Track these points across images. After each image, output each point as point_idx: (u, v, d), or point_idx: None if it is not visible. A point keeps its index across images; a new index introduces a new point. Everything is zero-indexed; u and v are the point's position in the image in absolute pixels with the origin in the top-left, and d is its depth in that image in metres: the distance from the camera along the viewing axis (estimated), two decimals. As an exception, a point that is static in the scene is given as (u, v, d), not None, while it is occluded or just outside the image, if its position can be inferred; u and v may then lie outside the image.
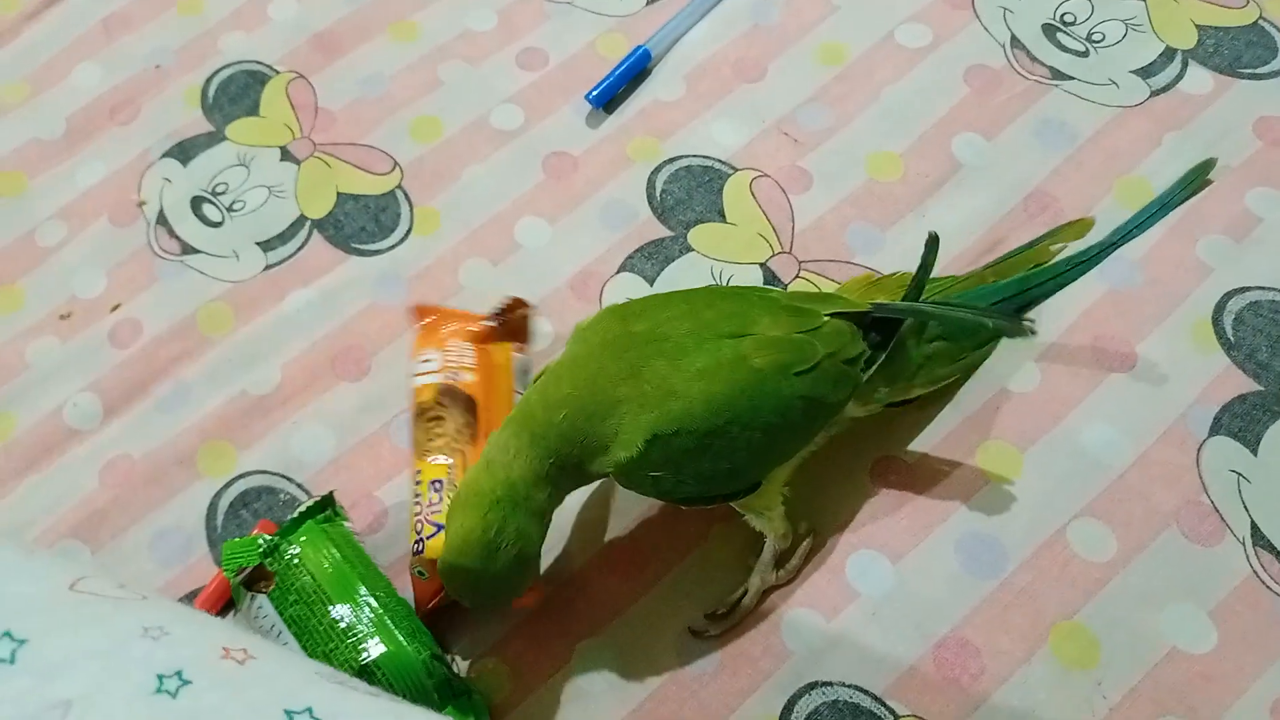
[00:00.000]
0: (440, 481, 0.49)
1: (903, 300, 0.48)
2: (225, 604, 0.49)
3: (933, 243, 0.47)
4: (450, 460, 0.50)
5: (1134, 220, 0.51)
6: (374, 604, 0.45)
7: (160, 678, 0.29)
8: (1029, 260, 0.52)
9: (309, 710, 0.29)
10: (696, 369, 0.43)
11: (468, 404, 0.51)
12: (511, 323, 0.55)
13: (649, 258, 0.59)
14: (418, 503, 0.49)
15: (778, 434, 0.45)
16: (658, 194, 0.61)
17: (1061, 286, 0.51)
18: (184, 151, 0.65)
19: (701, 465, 0.44)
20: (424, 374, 0.53)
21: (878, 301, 0.47)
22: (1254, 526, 0.49)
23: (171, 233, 0.62)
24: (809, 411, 0.45)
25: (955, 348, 0.51)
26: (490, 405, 0.52)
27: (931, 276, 0.49)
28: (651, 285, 0.58)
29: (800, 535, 0.49)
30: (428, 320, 0.55)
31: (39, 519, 0.54)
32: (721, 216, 0.60)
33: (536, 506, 0.44)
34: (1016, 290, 0.50)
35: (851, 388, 0.46)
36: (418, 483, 0.50)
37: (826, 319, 0.46)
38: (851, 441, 0.51)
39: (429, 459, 0.50)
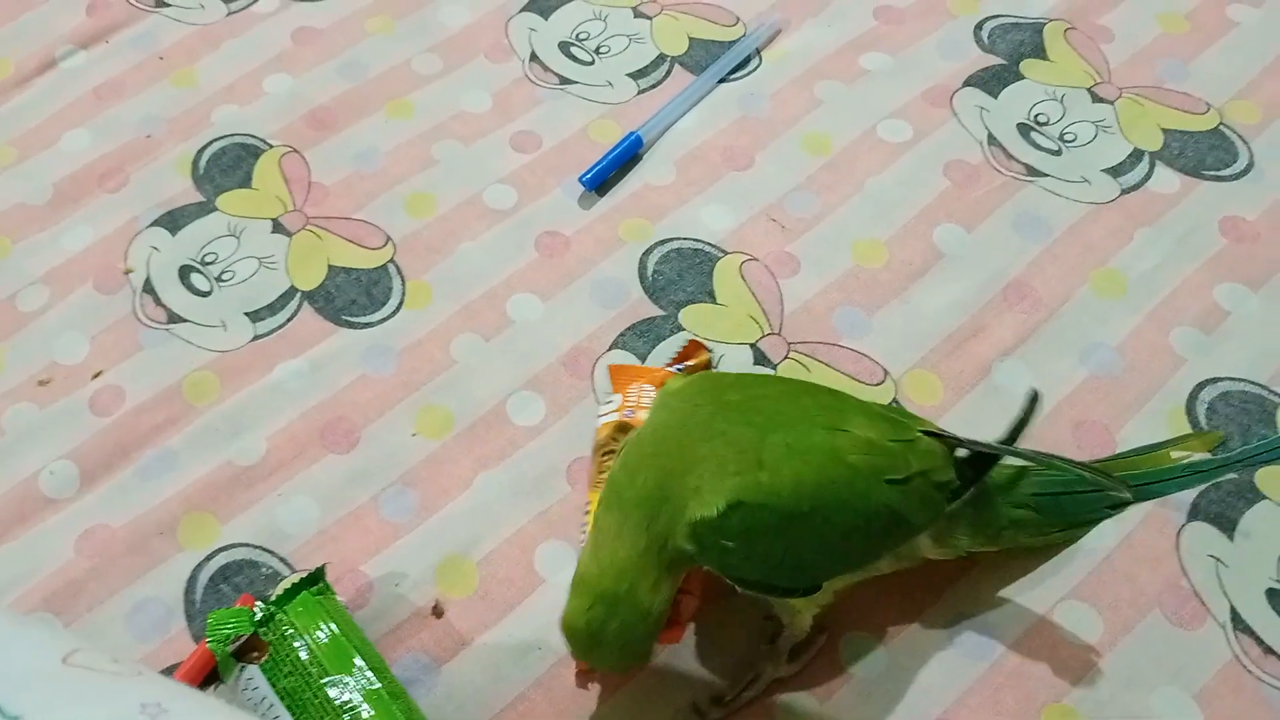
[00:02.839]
0: None
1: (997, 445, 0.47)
2: (206, 678, 0.48)
3: (1033, 399, 0.47)
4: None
5: (1264, 445, 0.49)
6: (371, 678, 0.44)
7: (162, 757, 0.28)
8: (1144, 463, 0.50)
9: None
10: (788, 446, 0.42)
11: None
12: (694, 370, 0.54)
13: (640, 336, 0.59)
14: (583, 532, 0.50)
15: (855, 539, 0.44)
16: (649, 274, 0.62)
17: (1160, 494, 0.49)
18: (173, 220, 0.65)
19: (774, 548, 0.43)
20: (604, 415, 0.54)
21: (971, 440, 0.46)
22: (1233, 611, 0.50)
23: (158, 301, 0.62)
24: (891, 524, 0.44)
25: (1043, 522, 0.49)
26: None
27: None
28: (643, 363, 0.58)
29: (816, 632, 0.49)
30: (621, 378, 0.56)
31: (10, 589, 0.52)
32: (712, 297, 0.61)
33: (642, 603, 0.42)
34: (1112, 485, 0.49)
35: (935, 514, 0.46)
36: (586, 513, 0.51)
37: (920, 435, 0.45)
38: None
39: (595, 489, 0.51)
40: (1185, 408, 0.56)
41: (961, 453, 0.46)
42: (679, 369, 0.54)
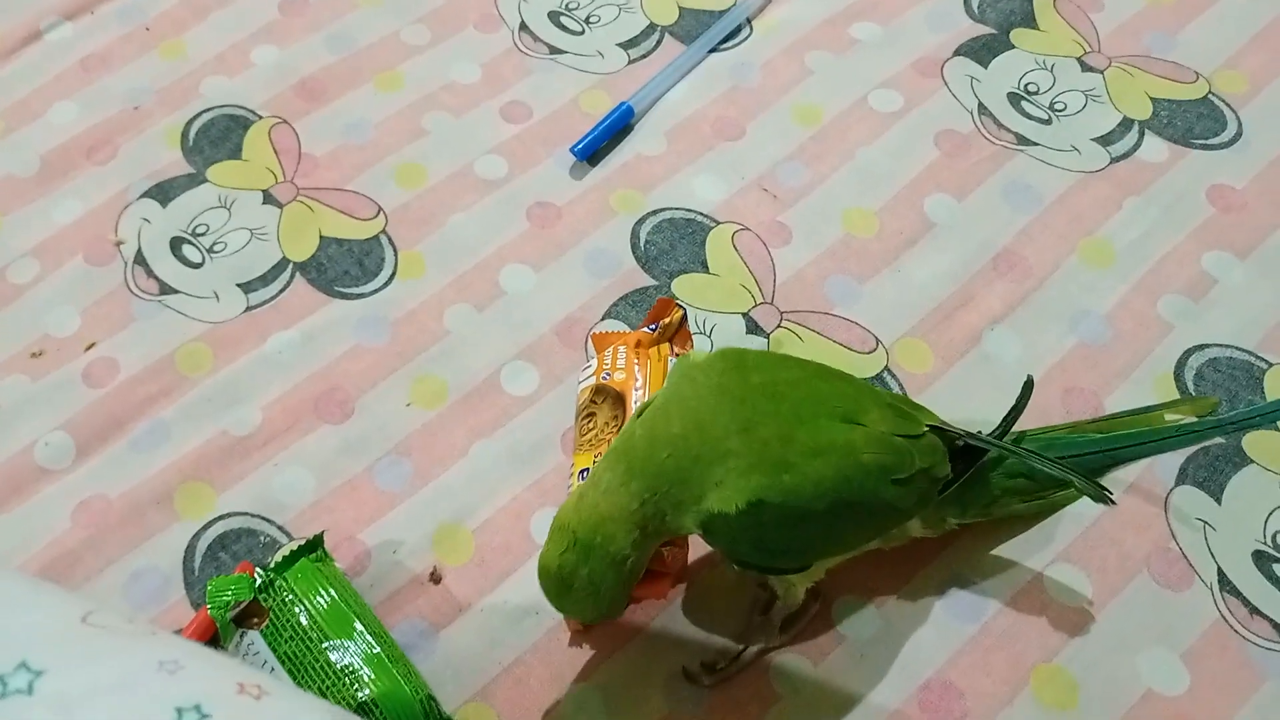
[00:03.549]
0: (586, 470, 0.50)
1: (992, 435, 0.48)
2: (206, 644, 0.48)
3: (1028, 386, 0.48)
4: (596, 451, 0.51)
5: (1254, 410, 0.51)
6: (371, 642, 0.44)
7: (179, 711, 0.28)
8: (1138, 423, 0.52)
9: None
10: (811, 445, 0.43)
11: (616, 399, 0.52)
12: (668, 328, 0.54)
13: (633, 306, 0.60)
14: (569, 492, 0.51)
15: (852, 529, 0.46)
16: (641, 244, 0.62)
17: (1152, 453, 0.51)
18: (163, 192, 0.65)
19: (780, 538, 0.44)
20: (583, 380, 0.54)
21: (969, 432, 0.47)
22: (1220, 573, 0.51)
23: (150, 272, 0.62)
24: (886, 517, 0.46)
25: (1037, 485, 0.50)
26: (646, 397, 0.52)
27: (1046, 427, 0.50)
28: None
29: (809, 601, 0.49)
30: (602, 344, 0.56)
31: (8, 560, 0.52)
32: (704, 267, 0.61)
33: (616, 552, 0.43)
34: (1111, 446, 0.50)
35: (926, 503, 0.46)
36: (569, 474, 0.52)
37: (927, 431, 0.46)
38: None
39: (578, 452, 0.52)
40: (1173, 374, 0.56)
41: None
42: (652, 328, 0.55)
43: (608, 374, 0.53)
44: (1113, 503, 0.47)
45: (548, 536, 0.45)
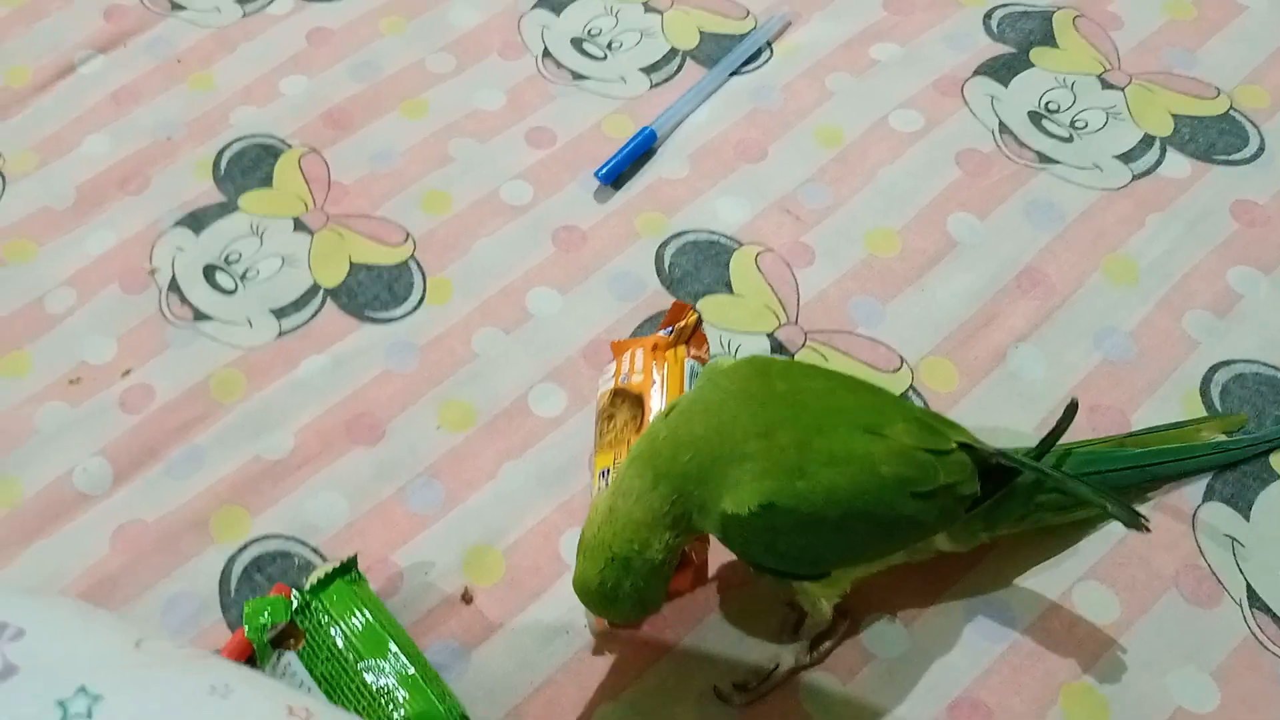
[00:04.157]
0: (607, 470, 0.52)
1: (1029, 455, 0.48)
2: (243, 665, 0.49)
3: (1071, 409, 0.47)
4: (615, 451, 0.53)
5: None
6: (405, 663, 0.45)
7: (231, 734, 0.29)
8: (1171, 439, 0.53)
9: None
10: (828, 454, 0.43)
11: (635, 401, 0.53)
12: (684, 330, 0.55)
13: (659, 327, 0.60)
14: (592, 494, 0.53)
15: (871, 541, 0.46)
16: (666, 266, 0.63)
17: (1191, 471, 0.52)
18: (196, 221, 0.66)
19: (794, 544, 0.44)
20: (603, 384, 0.55)
21: (1001, 450, 0.47)
22: (1249, 589, 0.51)
23: (184, 299, 0.63)
24: (906, 530, 0.46)
25: (1070, 501, 0.50)
26: (665, 399, 0.53)
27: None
28: (662, 354, 0.59)
29: (839, 619, 0.50)
30: (619, 351, 0.57)
31: (48, 584, 0.54)
32: (729, 288, 0.62)
33: (653, 557, 0.44)
34: (1148, 462, 0.51)
35: (952, 520, 0.47)
36: (590, 472, 0.54)
37: (955, 447, 0.46)
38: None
39: (599, 454, 0.53)
40: (1200, 390, 0.56)
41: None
42: (668, 332, 0.55)
43: (626, 376, 0.54)
44: (1148, 529, 0.47)
45: (580, 554, 0.46)
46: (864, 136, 0.67)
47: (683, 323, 0.55)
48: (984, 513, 0.47)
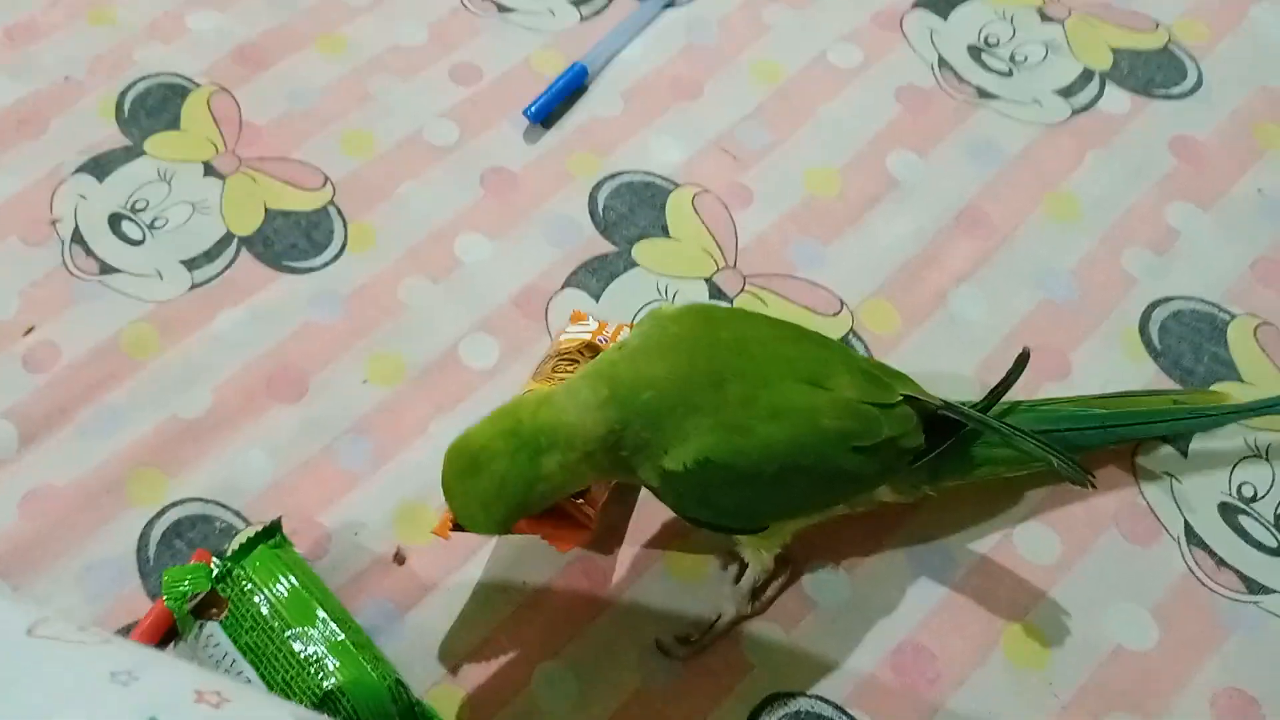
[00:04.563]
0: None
1: (976, 407, 0.47)
2: (164, 636, 0.47)
3: (1022, 359, 0.47)
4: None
5: (1260, 404, 0.52)
6: (335, 629, 0.43)
7: (133, 723, 0.27)
8: (1142, 404, 0.52)
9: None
10: (770, 407, 0.42)
11: None
12: None
13: (594, 274, 0.58)
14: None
15: (809, 495, 0.45)
16: (600, 210, 0.61)
17: (1148, 435, 0.52)
18: (99, 167, 0.62)
19: (728, 498, 0.43)
20: (577, 333, 0.52)
21: (948, 402, 0.46)
22: (1187, 525, 0.51)
23: (89, 251, 0.59)
24: (846, 485, 0.45)
25: (1018, 459, 0.49)
26: None
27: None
28: (597, 301, 0.57)
29: (779, 568, 0.49)
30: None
31: (-49, 555, 0.51)
32: (665, 232, 0.60)
33: (544, 465, 0.41)
34: (1113, 423, 0.50)
35: (891, 475, 0.46)
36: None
37: (900, 399, 0.45)
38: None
39: (540, 380, 0.50)
40: (1139, 328, 0.56)
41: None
42: None
43: (605, 339, 0.52)
44: (1093, 485, 0.47)
45: (489, 416, 0.43)
46: (802, 73, 0.65)
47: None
48: (929, 465, 0.47)
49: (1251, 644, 0.48)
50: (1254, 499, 0.52)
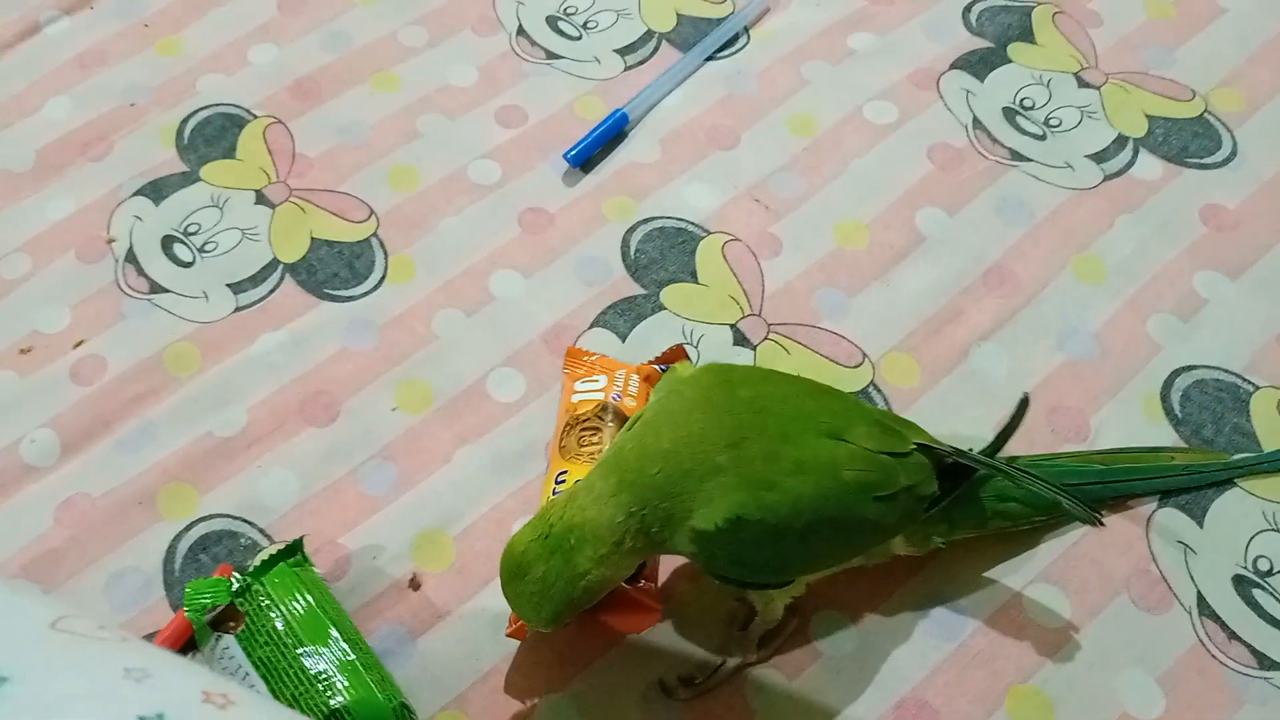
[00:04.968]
0: (567, 478, 0.50)
1: (983, 453, 0.48)
2: (183, 647, 0.48)
3: (1023, 405, 0.47)
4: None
5: (1262, 457, 0.53)
6: (346, 649, 0.44)
7: (141, 719, 0.28)
8: (1143, 460, 0.53)
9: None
10: (795, 462, 0.43)
11: (624, 423, 0.51)
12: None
13: (621, 314, 0.60)
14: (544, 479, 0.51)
15: (832, 546, 0.45)
16: (632, 252, 0.62)
17: (1157, 490, 0.53)
18: (156, 190, 0.65)
19: (759, 554, 0.43)
20: (588, 392, 0.53)
21: (958, 449, 0.47)
22: (1200, 596, 0.51)
23: (140, 271, 0.62)
24: (868, 534, 0.46)
25: (1027, 509, 0.50)
26: None
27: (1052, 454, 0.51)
28: (624, 342, 0.59)
29: (788, 617, 0.49)
30: (583, 359, 0.56)
31: (-10, 556, 0.53)
32: (694, 277, 0.61)
33: (580, 563, 0.43)
34: (1113, 479, 0.52)
35: (911, 521, 0.47)
36: (560, 482, 0.50)
37: (914, 448, 0.46)
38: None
39: (579, 462, 0.51)
40: (1160, 394, 0.56)
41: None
42: (663, 369, 0.55)
43: (618, 395, 0.53)
44: (1101, 524, 0.47)
45: (528, 523, 0.45)
46: (837, 127, 0.67)
47: (673, 359, 0.55)
48: (943, 513, 0.47)
49: (1260, 719, 0.48)
50: (1269, 573, 0.51)
